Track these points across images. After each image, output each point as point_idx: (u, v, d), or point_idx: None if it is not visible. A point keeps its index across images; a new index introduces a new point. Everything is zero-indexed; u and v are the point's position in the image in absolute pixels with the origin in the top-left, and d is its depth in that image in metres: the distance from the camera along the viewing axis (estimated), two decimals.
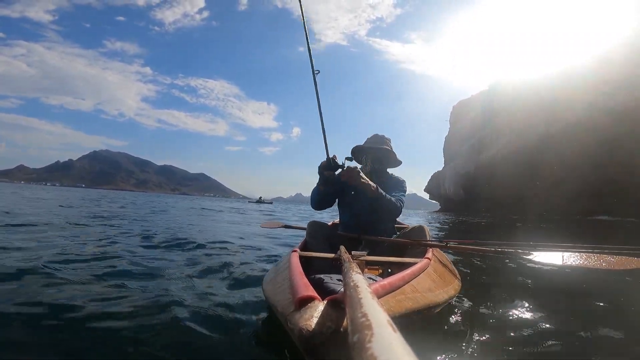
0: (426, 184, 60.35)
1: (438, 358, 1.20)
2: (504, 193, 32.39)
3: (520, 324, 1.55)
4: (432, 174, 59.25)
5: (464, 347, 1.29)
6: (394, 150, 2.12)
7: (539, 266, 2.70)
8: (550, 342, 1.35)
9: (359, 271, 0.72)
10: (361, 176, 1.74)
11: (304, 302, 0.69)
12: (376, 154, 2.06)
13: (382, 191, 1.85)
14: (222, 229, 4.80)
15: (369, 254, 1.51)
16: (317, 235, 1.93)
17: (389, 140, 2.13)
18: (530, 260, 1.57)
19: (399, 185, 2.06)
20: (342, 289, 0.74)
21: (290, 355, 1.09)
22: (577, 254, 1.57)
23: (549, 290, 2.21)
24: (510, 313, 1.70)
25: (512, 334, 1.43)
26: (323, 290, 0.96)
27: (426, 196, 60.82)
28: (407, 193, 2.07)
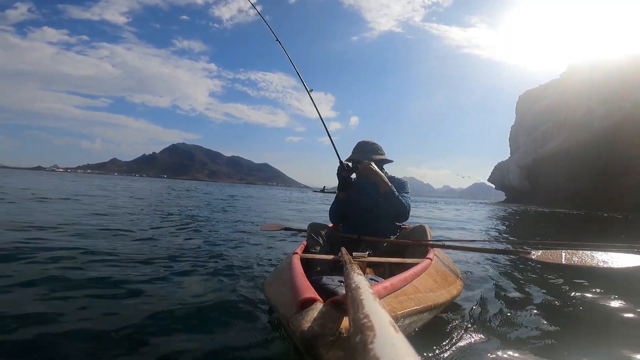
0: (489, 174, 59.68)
1: (441, 358, 1.20)
2: (568, 187, 31.93)
3: (523, 324, 1.54)
4: (496, 164, 58.67)
5: (466, 347, 1.28)
6: (384, 151, 2.18)
7: (541, 265, 2.69)
8: (552, 342, 1.35)
9: (360, 272, 0.72)
10: (376, 170, 1.91)
11: (306, 303, 0.69)
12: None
13: (394, 188, 1.92)
14: (232, 230, 4.80)
15: (369, 255, 1.51)
16: (318, 237, 1.93)
17: (375, 144, 2.17)
18: (531, 259, 1.57)
19: (402, 186, 2.06)
20: (344, 290, 0.74)
21: (292, 357, 1.08)
22: (577, 252, 1.56)
23: (551, 289, 2.20)
24: (513, 313, 1.70)
25: (514, 333, 1.43)
26: (324, 292, 0.96)
27: (493, 185, 59.68)
28: (475, 182, 2.09)
